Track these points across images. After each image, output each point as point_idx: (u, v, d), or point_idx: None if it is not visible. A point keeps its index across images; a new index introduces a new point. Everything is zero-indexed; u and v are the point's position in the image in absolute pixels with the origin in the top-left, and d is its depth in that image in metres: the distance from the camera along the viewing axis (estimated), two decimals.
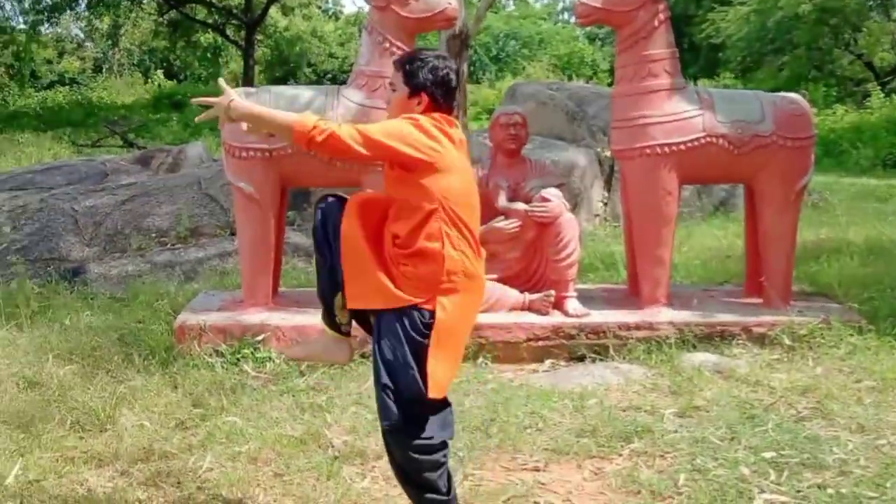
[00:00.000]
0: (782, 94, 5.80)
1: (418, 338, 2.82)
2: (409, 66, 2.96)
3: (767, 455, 3.70)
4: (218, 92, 3.06)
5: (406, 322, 2.82)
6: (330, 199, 3.02)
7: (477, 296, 2.98)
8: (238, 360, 5.01)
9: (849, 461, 3.64)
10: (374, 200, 2.97)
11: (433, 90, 2.94)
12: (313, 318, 5.22)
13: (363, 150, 2.79)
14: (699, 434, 3.95)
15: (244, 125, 3.07)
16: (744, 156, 5.38)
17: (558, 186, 5.63)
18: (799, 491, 3.40)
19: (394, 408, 2.83)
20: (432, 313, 2.82)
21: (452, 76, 2.98)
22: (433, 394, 2.79)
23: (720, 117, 5.36)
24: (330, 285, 3.08)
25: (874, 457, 3.69)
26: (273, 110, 3.07)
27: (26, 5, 26.88)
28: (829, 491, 3.38)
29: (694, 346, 5.13)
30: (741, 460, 3.66)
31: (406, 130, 2.82)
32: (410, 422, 2.85)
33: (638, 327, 5.22)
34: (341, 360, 3.34)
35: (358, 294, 2.92)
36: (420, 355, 2.81)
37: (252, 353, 5.06)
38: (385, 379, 2.84)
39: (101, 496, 3.44)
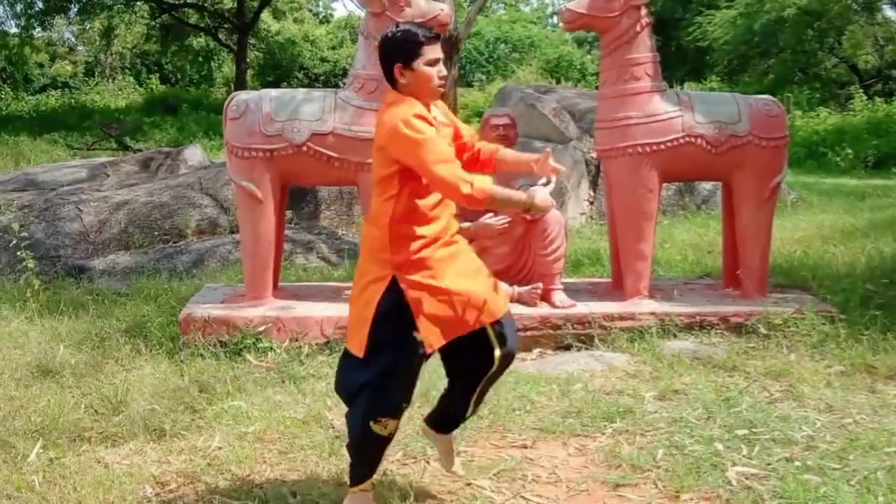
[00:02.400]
0: (758, 96, 6.07)
1: None
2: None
3: (740, 432, 3.95)
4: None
5: None
6: None
7: None
8: (241, 350, 5.25)
9: (816, 437, 3.89)
10: None
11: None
12: (312, 310, 5.49)
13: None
14: (677, 414, 4.20)
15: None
16: (721, 155, 5.65)
17: (546, 185, 5.85)
18: (769, 464, 3.64)
19: None
20: None
21: (408, 36, 3.07)
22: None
23: (699, 118, 5.63)
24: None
25: (840, 433, 3.94)
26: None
27: (18, 9, 26.98)
28: (797, 463, 3.62)
29: (674, 335, 5.39)
30: (716, 437, 3.90)
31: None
32: None
33: (621, 317, 5.47)
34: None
35: None
36: None
37: (254, 343, 5.29)
38: None
39: (119, 472, 3.66)
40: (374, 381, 3.08)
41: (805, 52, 27.46)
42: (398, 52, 3.07)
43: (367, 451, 3.20)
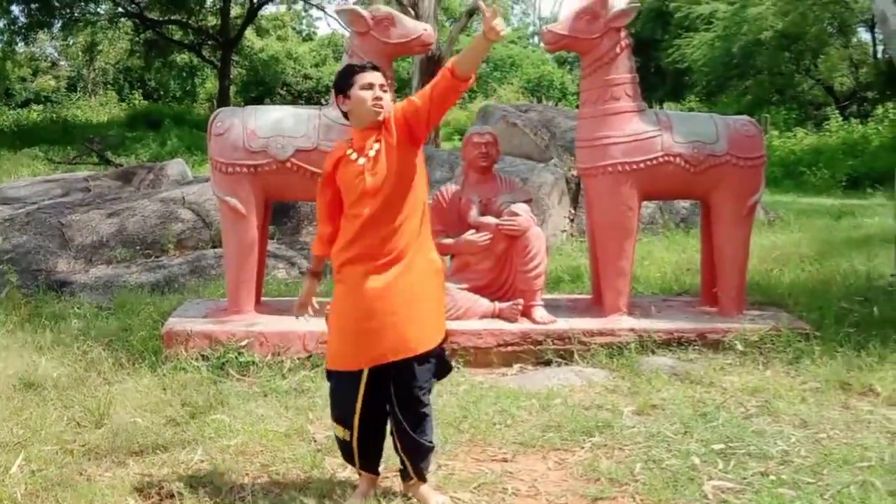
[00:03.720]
0: (736, 116, 6.18)
1: None
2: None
3: (717, 447, 4.02)
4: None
5: None
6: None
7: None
8: (223, 364, 5.27)
9: (791, 452, 3.96)
10: None
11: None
12: (294, 325, 5.50)
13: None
14: (655, 429, 4.26)
15: None
16: (699, 174, 5.75)
17: (527, 202, 5.94)
18: (744, 478, 3.71)
19: None
20: None
21: (344, 70, 3.55)
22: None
23: (677, 138, 5.73)
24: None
25: (814, 449, 4.01)
26: None
27: (1, 24, 26.92)
28: (772, 478, 3.69)
29: (653, 351, 5.46)
30: (692, 451, 3.97)
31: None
32: None
33: (601, 333, 5.54)
34: None
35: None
36: None
37: (236, 357, 5.31)
38: None
39: (101, 485, 3.67)
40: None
41: (782, 74, 27.84)
42: (337, 84, 3.47)
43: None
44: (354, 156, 3.42)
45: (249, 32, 31.98)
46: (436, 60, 14.43)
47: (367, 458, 3.50)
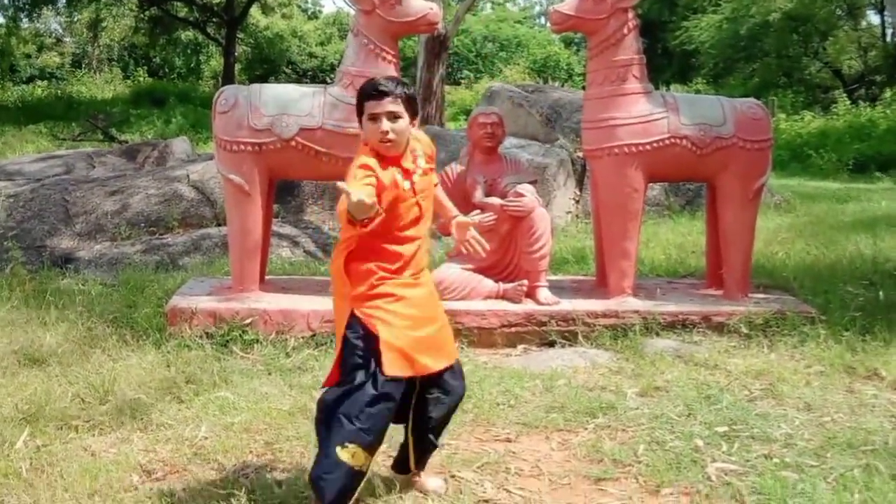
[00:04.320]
0: (743, 99, 6.14)
1: None
2: (411, 98, 3.19)
3: (720, 429, 4.01)
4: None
5: None
6: None
7: None
8: (227, 341, 5.28)
9: (794, 435, 3.96)
10: None
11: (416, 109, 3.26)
12: (298, 303, 5.53)
13: None
14: (658, 411, 4.26)
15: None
16: (706, 156, 5.73)
17: (532, 183, 5.92)
18: (748, 460, 3.70)
19: None
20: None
21: (361, 89, 3.24)
22: None
23: (684, 120, 5.69)
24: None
25: (818, 432, 4.01)
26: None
27: (5, 1, 26.82)
28: (775, 460, 3.69)
29: (657, 334, 5.45)
30: (696, 434, 3.96)
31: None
32: None
33: (605, 315, 5.53)
34: None
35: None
36: None
37: (240, 335, 5.32)
38: None
39: (105, 460, 3.69)
40: None
41: (790, 57, 27.72)
42: (356, 103, 3.22)
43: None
44: (401, 177, 3.20)
45: (254, 10, 31.83)
46: (441, 40, 14.34)
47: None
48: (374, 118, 3.12)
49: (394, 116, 3.12)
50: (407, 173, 3.21)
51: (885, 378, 4.73)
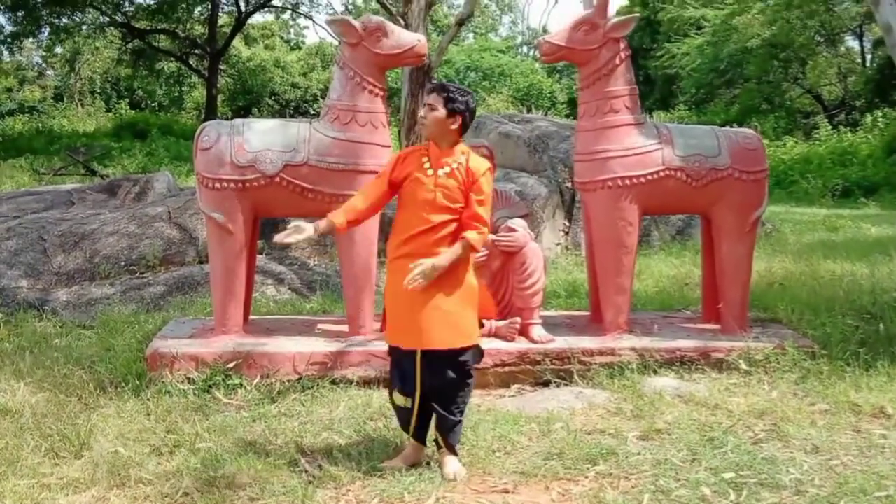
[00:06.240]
0: (737, 128, 6.03)
1: None
2: (448, 94, 3.92)
3: (727, 476, 3.84)
4: None
5: None
6: None
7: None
8: (210, 387, 5.07)
9: (804, 481, 3.79)
10: None
11: (466, 115, 3.94)
12: (283, 345, 5.34)
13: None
14: (661, 456, 4.09)
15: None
16: (701, 188, 5.60)
17: (524, 217, 5.78)
18: None
19: None
20: None
21: (476, 109, 4.06)
22: None
23: (678, 151, 5.58)
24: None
25: (828, 477, 3.85)
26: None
27: None
28: None
29: (655, 371, 5.30)
30: (702, 481, 3.79)
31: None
32: None
33: (601, 353, 5.37)
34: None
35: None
36: None
37: (223, 380, 5.12)
38: None
39: None
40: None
41: (770, 83, 27.91)
42: (469, 113, 4.01)
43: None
44: (428, 166, 3.95)
45: (237, 41, 31.83)
46: (425, 70, 14.24)
47: (420, 427, 4.03)
48: (423, 107, 3.98)
49: (431, 108, 3.92)
50: (435, 161, 3.94)
51: (892, 416, 4.58)
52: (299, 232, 4.00)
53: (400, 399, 4.02)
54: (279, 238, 3.99)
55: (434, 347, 3.88)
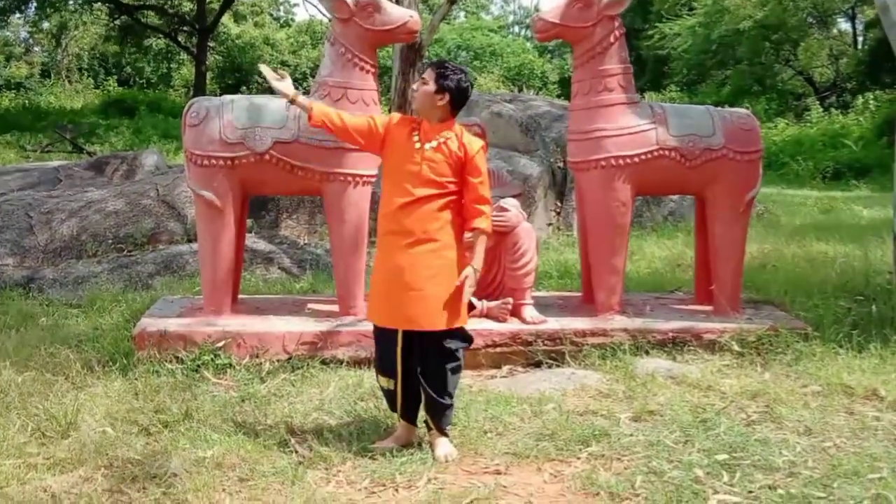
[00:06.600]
0: (732, 109, 5.98)
1: None
2: (441, 70, 3.89)
3: (720, 457, 3.82)
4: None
5: None
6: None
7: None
8: (198, 366, 5.02)
9: (797, 463, 3.77)
10: None
11: (455, 93, 3.87)
12: (273, 325, 5.29)
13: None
14: (654, 437, 4.06)
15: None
16: (695, 168, 5.56)
17: (516, 196, 5.73)
18: (751, 492, 3.51)
19: None
20: None
21: (469, 89, 3.95)
22: None
23: (672, 131, 5.53)
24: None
25: (821, 458, 3.83)
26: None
27: None
28: (780, 491, 3.50)
29: (647, 353, 5.27)
30: (695, 462, 3.76)
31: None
32: None
33: (593, 334, 5.34)
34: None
35: None
36: None
37: (212, 359, 5.07)
38: None
39: (66, 502, 3.43)
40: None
41: (762, 64, 27.87)
42: (458, 92, 3.93)
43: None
44: (417, 139, 3.91)
45: (226, 18, 31.53)
46: (416, 49, 14.13)
47: (408, 408, 4.01)
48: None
49: (423, 82, 3.94)
50: (425, 135, 3.92)
51: (884, 398, 4.56)
52: (284, 81, 4.17)
53: (383, 381, 4.03)
54: (266, 70, 4.24)
55: (413, 328, 3.88)
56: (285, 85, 4.18)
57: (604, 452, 3.94)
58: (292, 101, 4.18)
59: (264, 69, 4.27)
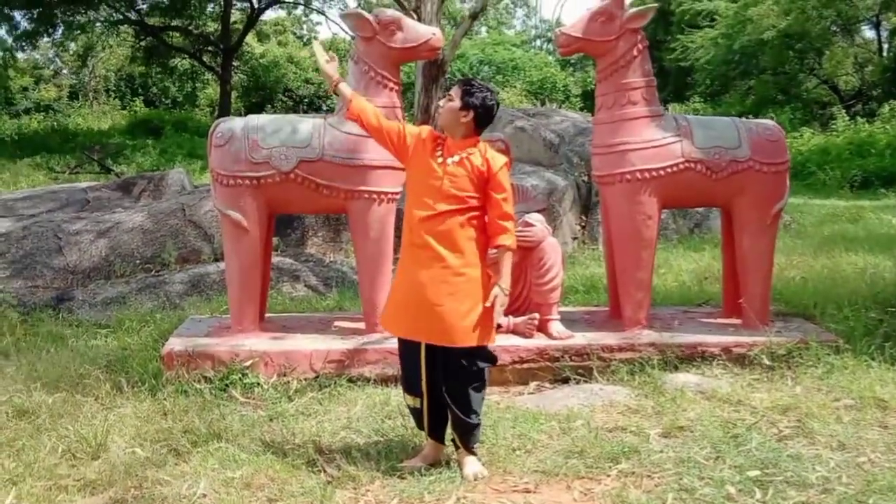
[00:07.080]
0: (758, 120, 5.93)
1: None
2: (467, 87, 3.90)
3: (752, 474, 3.77)
4: None
5: None
6: None
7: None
8: (227, 386, 5.04)
9: (831, 479, 3.71)
10: None
11: (479, 111, 3.87)
12: (300, 343, 5.30)
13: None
14: (685, 454, 4.02)
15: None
16: (721, 181, 5.52)
17: (541, 211, 5.71)
18: None
19: None
20: None
21: (495, 107, 3.94)
22: None
23: (698, 143, 5.49)
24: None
25: (855, 474, 3.77)
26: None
27: (2, 32, 26.69)
28: None
29: (676, 367, 5.22)
30: (727, 479, 3.72)
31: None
32: None
33: (621, 349, 5.31)
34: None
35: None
36: None
37: (240, 378, 5.08)
38: None
39: None
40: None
41: (786, 74, 27.64)
42: (483, 109, 3.93)
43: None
44: (440, 153, 3.92)
45: (250, 37, 31.80)
46: (439, 65, 14.18)
47: (435, 426, 3.99)
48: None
49: (448, 99, 3.95)
50: (448, 150, 3.92)
51: None
52: (332, 64, 4.25)
53: (409, 399, 4.03)
54: (318, 48, 4.32)
55: (433, 341, 3.85)
56: (332, 68, 4.24)
57: (634, 470, 3.90)
58: (335, 87, 4.23)
59: (316, 46, 4.34)
